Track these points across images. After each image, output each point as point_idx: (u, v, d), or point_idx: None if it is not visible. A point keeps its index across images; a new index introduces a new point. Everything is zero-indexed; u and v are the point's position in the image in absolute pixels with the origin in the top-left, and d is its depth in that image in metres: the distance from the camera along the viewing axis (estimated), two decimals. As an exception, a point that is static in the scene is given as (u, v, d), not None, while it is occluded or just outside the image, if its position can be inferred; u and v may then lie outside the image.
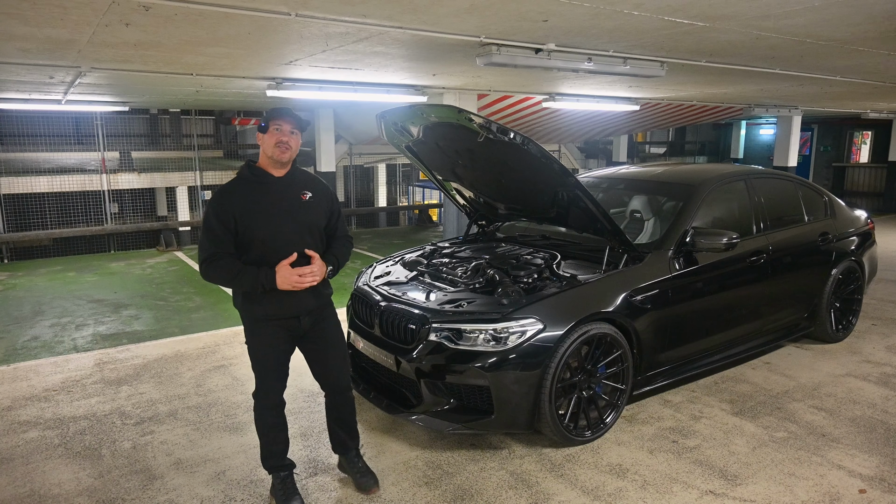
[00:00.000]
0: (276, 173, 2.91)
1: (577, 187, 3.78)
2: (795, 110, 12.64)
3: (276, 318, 2.93)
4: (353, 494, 3.26)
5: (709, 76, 6.70)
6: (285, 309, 2.91)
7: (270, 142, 2.83)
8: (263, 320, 2.93)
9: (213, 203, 2.85)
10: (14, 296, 7.68)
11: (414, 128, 4.22)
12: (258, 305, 2.90)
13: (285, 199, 2.89)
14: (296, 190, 2.93)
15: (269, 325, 2.94)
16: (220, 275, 2.82)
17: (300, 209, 2.91)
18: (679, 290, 4.10)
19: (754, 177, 5.04)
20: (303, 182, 2.99)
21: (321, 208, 2.99)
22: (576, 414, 3.67)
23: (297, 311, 2.94)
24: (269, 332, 2.95)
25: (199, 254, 2.85)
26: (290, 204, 2.89)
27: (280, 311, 2.91)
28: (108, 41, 4.28)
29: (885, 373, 4.78)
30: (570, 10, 3.54)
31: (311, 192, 2.96)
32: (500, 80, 7.21)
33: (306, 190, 2.96)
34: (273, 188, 2.89)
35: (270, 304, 2.89)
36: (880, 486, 3.29)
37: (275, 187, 2.89)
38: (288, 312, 2.92)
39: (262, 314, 2.92)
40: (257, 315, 2.93)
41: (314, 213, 2.95)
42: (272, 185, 2.89)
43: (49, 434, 3.95)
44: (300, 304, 2.93)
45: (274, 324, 2.94)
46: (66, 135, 14.03)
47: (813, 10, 3.53)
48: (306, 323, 2.99)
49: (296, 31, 4.07)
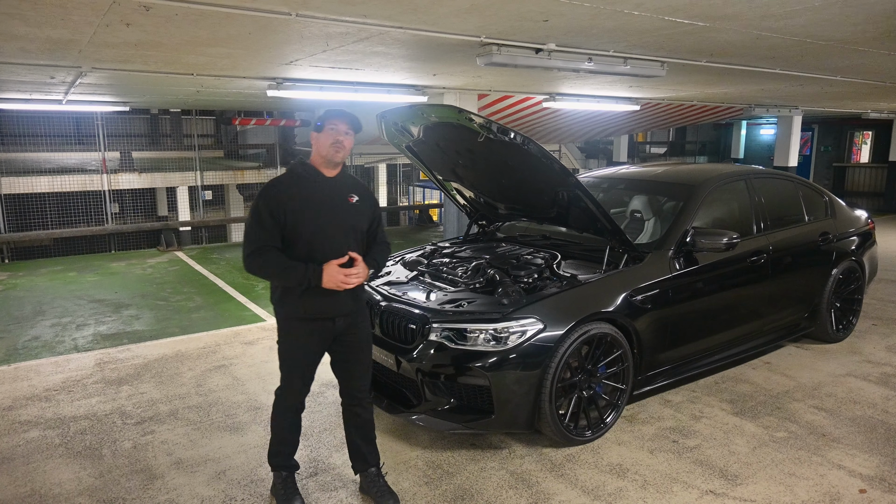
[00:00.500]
0: (328, 173, 2.93)
1: (578, 187, 3.78)
2: (796, 110, 12.63)
3: (311, 319, 2.92)
4: (353, 494, 3.26)
5: (709, 76, 6.69)
6: (323, 309, 2.90)
7: (326, 141, 2.85)
8: (299, 319, 2.93)
9: (265, 195, 2.86)
10: (15, 295, 7.69)
11: (414, 128, 4.22)
12: (296, 303, 2.89)
13: (333, 199, 2.90)
14: (344, 192, 2.95)
15: (304, 325, 2.93)
16: (266, 267, 2.82)
17: (346, 211, 2.92)
18: (679, 290, 4.10)
19: (755, 177, 5.04)
20: (351, 185, 3.02)
21: (365, 212, 3.01)
22: (576, 414, 3.67)
23: (334, 312, 2.93)
24: (302, 332, 2.95)
25: (245, 245, 2.84)
26: (337, 205, 2.90)
27: (317, 311, 2.90)
28: (109, 41, 4.28)
29: (886, 373, 4.78)
30: (570, 10, 3.54)
31: (357, 195, 2.99)
32: (501, 80, 7.21)
33: (353, 193, 2.98)
34: (323, 187, 2.90)
35: (309, 304, 2.88)
36: (880, 485, 3.29)
37: (324, 187, 2.91)
38: (325, 313, 2.91)
39: (299, 313, 2.91)
40: (294, 313, 2.93)
41: (358, 216, 2.97)
42: (322, 184, 2.91)
43: (50, 434, 3.95)
44: (338, 306, 2.92)
45: (309, 324, 2.93)
46: (66, 135, 14.03)
47: (813, 9, 3.53)
48: (340, 326, 2.98)
49: (296, 32, 4.07)
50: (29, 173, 11.65)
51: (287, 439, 3.12)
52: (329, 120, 2.86)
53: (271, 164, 14.23)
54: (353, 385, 3.12)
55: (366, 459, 3.20)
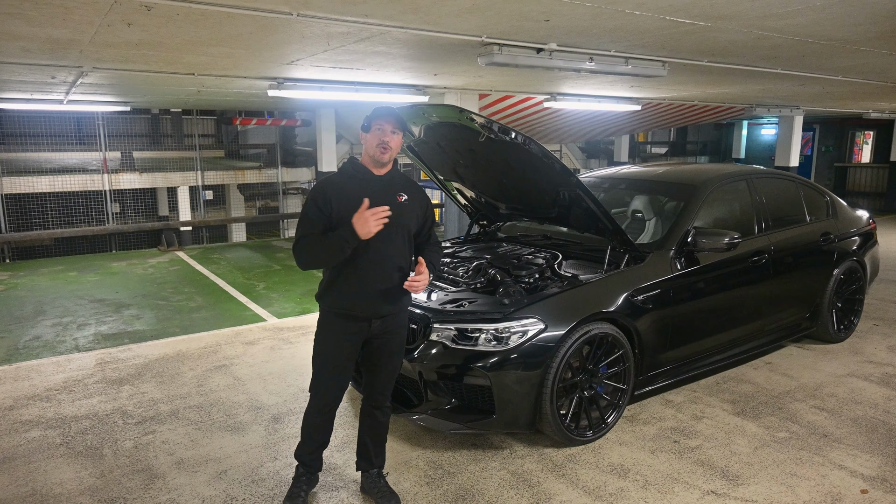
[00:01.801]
0: (377, 172, 2.96)
1: (579, 187, 3.78)
2: (797, 110, 12.61)
3: (349, 317, 2.93)
4: (354, 494, 3.26)
5: (710, 76, 6.69)
6: (359, 307, 2.92)
7: (373, 141, 2.89)
8: (336, 315, 2.95)
9: (314, 190, 2.93)
10: (16, 295, 7.69)
11: (415, 127, 4.22)
12: (334, 298, 2.93)
13: (381, 197, 2.89)
14: (393, 190, 2.96)
15: (341, 322, 2.95)
16: (309, 249, 2.84)
17: (395, 210, 2.88)
18: (680, 290, 4.10)
19: (756, 177, 5.04)
20: (401, 184, 3.02)
21: (415, 212, 3.01)
22: (577, 414, 3.67)
23: (370, 313, 2.93)
24: (338, 331, 2.97)
25: (295, 238, 2.90)
26: (385, 203, 2.87)
27: (353, 308, 2.92)
28: (110, 41, 4.28)
29: (887, 373, 4.78)
30: (571, 10, 3.53)
31: (407, 195, 2.99)
32: (502, 79, 7.21)
33: (403, 192, 2.98)
34: (371, 185, 2.92)
35: (346, 299, 2.91)
36: (882, 486, 3.29)
37: (373, 185, 2.92)
38: (361, 312, 2.92)
39: (335, 308, 2.94)
40: (333, 307, 2.95)
41: (407, 216, 2.96)
42: (371, 182, 2.93)
43: (51, 433, 3.95)
44: (375, 307, 2.93)
45: (346, 322, 2.94)
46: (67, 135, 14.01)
47: (814, 9, 3.52)
48: (376, 328, 2.98)
49: (297, 31, 4.07)
50: (30, 173, 11.64)
51: (311, 438, 3.12)
52: (375, 120, 2.90)
53: (272, 164, 14.23)
54: (375, 388, 3.13)
55: (371, 460, 3.21)
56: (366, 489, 3.25)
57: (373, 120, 2.90)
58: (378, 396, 3.14)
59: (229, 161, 15.71)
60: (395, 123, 2.90)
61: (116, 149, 13.10)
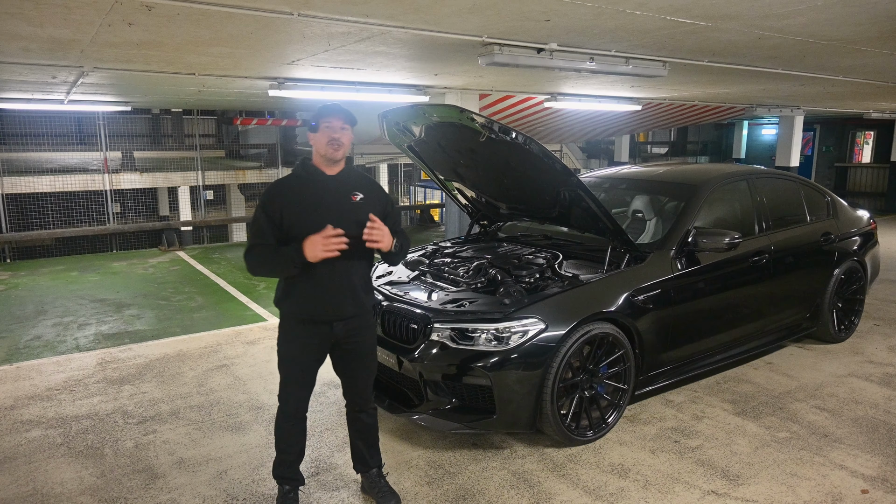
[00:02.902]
0: (329, 171, 2.89)
1: (579, 187, 3.78)
2: (797, 110, 12.61)
3: (310, 321, 2.88)
4: (355, 494, 3.26)
5: (711, 76, 6.69)
6: (319, 312, 2.85)
7: (322, 140, 2.83)
8: (297, 321, 2.90)
9: (264, 197, 2.88)
10: (16, 295, 7.69)
11: (416, 127, 4.22)
12: (295, 304, 2.87)
13: (335, 198, 2.85)
14: (347, 190, 2.90)
15: (302, 327, 2.89)
16: (257, 260, 2.82)
17: (349, 209, 2.85)
18: (681, 290, 4.10)
19: (756, 177, 5.04)
20: (355, 182, 2.95)
21: (372, 210, 2.88)
22: (578, 414, 3.67)
23: (332, 316, 2.86)
24: (300, 336, 2.91)
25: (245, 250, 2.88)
26: (338, 203, 2.85)
27: (313, 312, 2.86)
28: (111, 41, 4.28)
29: (888, 373, 4.78)
30: (572, 10, 3.53)
31: (362, 193, 2.92)
32: (502, 79, 7.21)
33: (358, 191, 2.91)
34: (324, 186, 2.87)
35: (305, 304, 2.85)
36: (882, 486, 3.29)
37: (326, 186, 2.87)
38: (321, 316, 2.86)
39: (297, 313, 2.88)
40: (293, 314, 2.90)
41: (363, 215, 2.84)
42: (324, 183, 2.88)
43: (51, 433, 3.95)
44: (336, 310, 2.86)
45: (307, 327, 2.88)
46: (68, 135, 14.01)
47: (815, 9, 3.52)
48: (340, 331, 2.90)
49: (298, 31, 4.07)
50: (31, 173, 11.65)
51: (287, 448, 3.04)
52: (323, 118, 2.84)
53: (273, 163, 14.23)
54: (355, 392, 3.09)
55: (367, 462, 3.18)
56: (366, 489, 3.23)
57: (320, 118, 2.84)
58: (360, 400, 3.08)
59: (230, 161, 15.72)
60: (344, 118, 2.84)
61: (117, 149, 13.11)
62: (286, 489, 3.08)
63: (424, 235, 13.00)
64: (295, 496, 3.09)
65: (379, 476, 3.20)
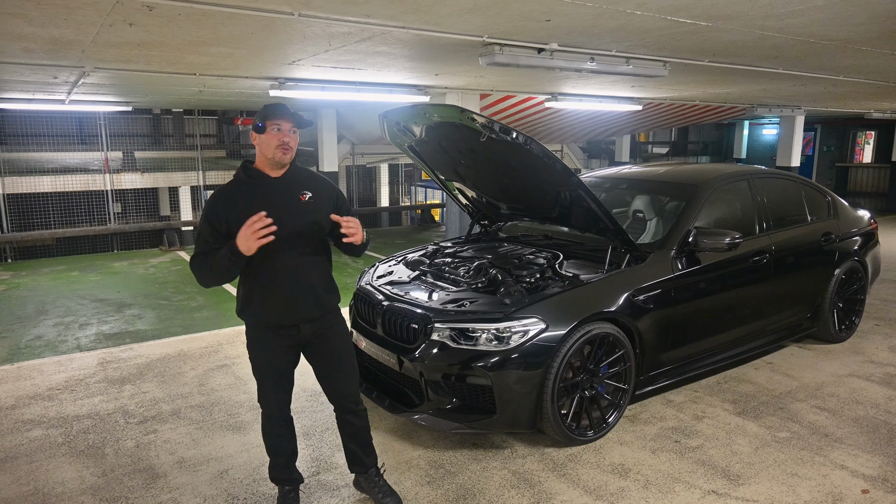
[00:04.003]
0: (274, 174, 2.76)
1: (580, 187, 3.78)
2: (798, 110, 12.60)
3: (275, 326, 2.81)
4: (355, 493, 3.26)
5: (712, 76, 6.69)
6: (283, 316, 2.79)
7: (271, 143, 2.67)
8: (263, 327, 2.83)
9: (207, 206, 2.74)
10: (18, 295, 7.70)
11: (416, 127, 4.22)
12: (255, 311, 2.80)
13: (283, 200, 2.73)
14: (294, 190, 2.78)
15: (269, 332, 2.82)
16: (201, 269, 2.71)
17: (299, 210, 2.75)
18: (681, 290, 4.10)
19: (757, 177, 5.04)
20: (302, 181, 2.83)
21: (324, 208, 2.81)
22: (578, 413, 3.67)
23: (296, 319, 2.80)
24: (267, 340, 2.84)
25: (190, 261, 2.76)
26: (287, 205, 2.73)
27: (277, 318, 2.79)
28: (112, 41, 4.29)
29: (889, 373, 4.77)
30: (572, 10, 3.54)
31: (311, 191, 2.81)
32: (503, 79, 7.21)
33: (306, 190, 2.80)
34: (270, 189, 2.74)
35: (268, 310, 2.78)
36: (883, 486, 3.29)
37: (272, 189, 2.74)
38: (287, 320, 2.79)
39: (259, 320, 2.82)
40: (257, 320, 2.84)
41: (314, 214, 2.78)
42: (269, 186, 2.75)
43: (53, 433, 3.96)
44: (300, 312, 2.79)
45: (274, 332, 2.82)
46: (69, 135, 14.03)
47: (815, 9, 3.52)
48: (307, 333, 2.84)
49: (299, 31, 4.08)
50: (32, 173, 11.66)
51: (276, 449, 3.01)
52: (271, 119, 2.66)
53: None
54: (338, 394, 3.00)
55: (364, 462, 3.12)
56: (365, 489, 3.19)
57: (267, 119, 2.66)
58: (346, 402, 3.01)
59: (231, 161, 15.71)
60: (293, 122, 2.69)
61: (118, 149, 13.13)
62: (286, 489, 3.07)
63: (425, 235, 13.00)
64: (295, 495, 3.09)
65: (377, 475, 3.15)
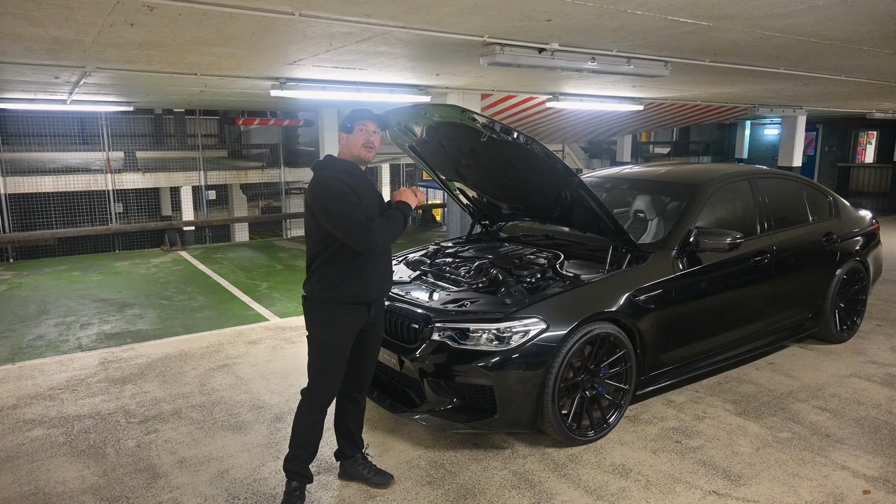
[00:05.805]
0: (361, 167, 3.12)
1: (581, 187, 3.78)
2: (800, 110, 12.58)
3: (353, 304, 2.99)
4: (355, 493, 3.26)
5: (713, 76, 6.68)
6: (371, 293, 3.03)
7: (358, 142, 3.00)
8: (340, 306, 2.97)
9: (340, 183, 2.91)
10: (19, 295, 7.71)
11: (417, 127, 4.23)
12: (349, 288, 2.95)
13: (373, 188, 3.13)
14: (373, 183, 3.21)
15: (345, 309, 2.98)
16: (387, 230, 2.91)
17: (379, 199, 3.15)
18: (683, 290, 4.09)
19: (758, 177, 5.03)
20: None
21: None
22: (579, 414, 3.67)
23: (375, 296, 3.06)
24: (343, 321, 2.99)
25: (352, 227, 2.83)
26: (375, 193, 3.12)
27: (365, 294, 3.00)
28: (113, 41, 4.29)
29: (890, 373, 4.77)
30: (573, 10, 3.53)
31: None
32: (504, 79, 7.21)
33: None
34: (364, 178, 3.10)
35: (363, 286, 2.98)
36: (884, 486, 3.28)
37: (365, 178, 3.11)
38: (368, 297, 3.02)
39: (346, 297, 2.95)
40: (338, 300, 2.95)
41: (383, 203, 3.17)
42: (363, 176, 3.09)
43: (54, 432, 3.96)
44: (379, 290, 3.08)
45: (351, 311, 3.00)
46: (70, 135, 14.02)
47: (816, 9, 3.52)
48: (372, 313, 3.09)
49: (299, 31, 4.08)
50: (33, 173, 11.67)
51: (307, 445, 3.08)
52: (358, 121, 3.00)
53: (275, 164, 14.25)
54: (360, 376, 3.23)
55: (355, 444, 3.32)
56: (353, 475, 3.32)
57: (355, 121, 3.00)
58: (362, 385, 3.26)
59: (232, 161, 15.74)
60: (377, 123, 3.04)
61: (119, 149, 13.14)
62: (293, 485, 3.10)
63: (426, 235, 13.00)
64: (301, 493, 3.12)
65: (364, 458, 3.33)
